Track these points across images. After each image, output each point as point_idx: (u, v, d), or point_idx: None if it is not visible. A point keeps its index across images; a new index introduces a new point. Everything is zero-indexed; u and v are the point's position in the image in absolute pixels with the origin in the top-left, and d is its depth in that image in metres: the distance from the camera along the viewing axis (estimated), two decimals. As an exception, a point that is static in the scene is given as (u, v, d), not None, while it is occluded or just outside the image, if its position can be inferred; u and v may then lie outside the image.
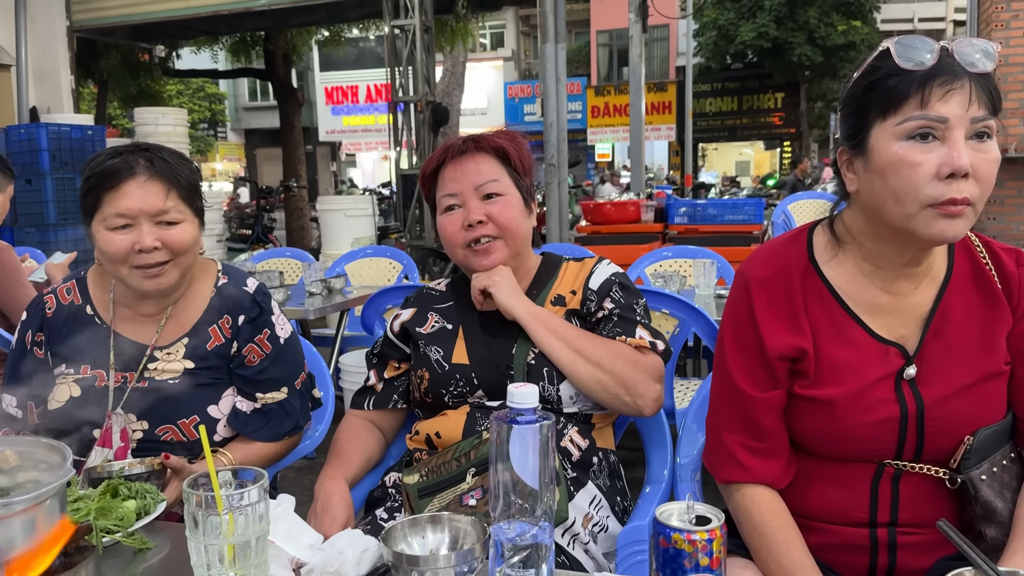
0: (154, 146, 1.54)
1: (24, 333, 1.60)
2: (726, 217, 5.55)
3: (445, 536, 1.06)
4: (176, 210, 1.50)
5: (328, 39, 14.52)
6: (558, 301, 1.62)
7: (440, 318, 1.64)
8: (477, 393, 1.53)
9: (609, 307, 1.58)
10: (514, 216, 1.56)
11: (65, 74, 9.31)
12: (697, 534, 0.83)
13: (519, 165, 1.60)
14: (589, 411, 1.55)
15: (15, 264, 2.85)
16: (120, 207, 1.46)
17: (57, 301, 1.62)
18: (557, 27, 5.91)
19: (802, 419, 1.26)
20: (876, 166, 1.14)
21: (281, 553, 1.03)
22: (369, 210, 7.58)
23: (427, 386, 1.57)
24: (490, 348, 1.55)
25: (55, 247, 5.85)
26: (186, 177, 1.52)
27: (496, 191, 1.56)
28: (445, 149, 1.60)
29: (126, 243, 1.46)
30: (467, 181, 1.55)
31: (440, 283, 1.74)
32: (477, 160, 1.57)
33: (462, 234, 1.56)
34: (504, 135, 1.61)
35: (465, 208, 1.55)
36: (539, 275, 1.66)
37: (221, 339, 1.59)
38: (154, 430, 1.53)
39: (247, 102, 29.39)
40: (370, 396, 1.69)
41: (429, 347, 1.59)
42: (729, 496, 1.29)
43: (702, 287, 2.97)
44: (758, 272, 1.28)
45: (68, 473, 0.90)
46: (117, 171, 1.46)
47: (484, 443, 1.39)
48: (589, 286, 1.60)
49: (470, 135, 1.62)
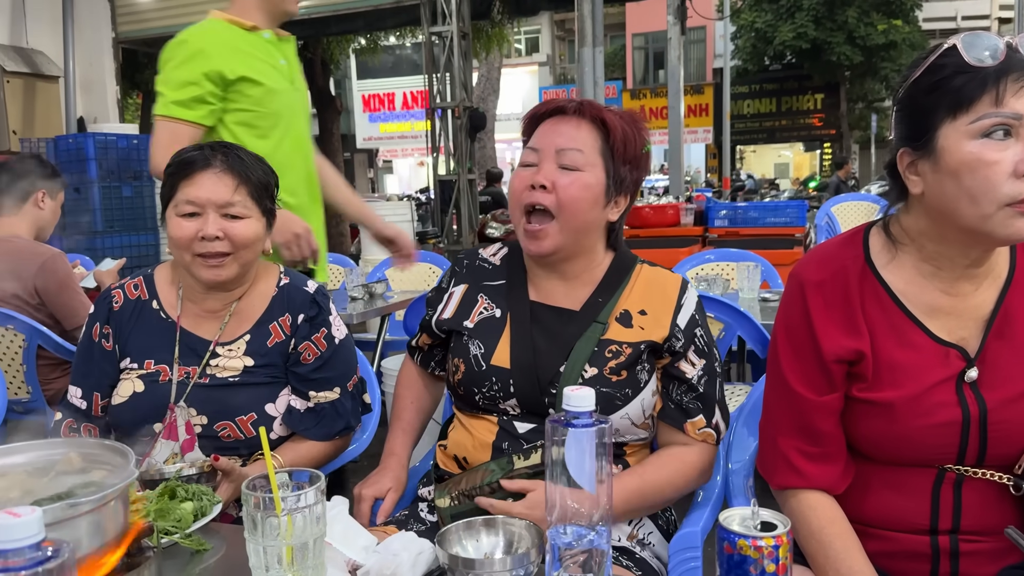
0: (234, 145, 1.62)
1: (92, 326, 1.65)
2: (768, 220, 5.49)
3: (500, 539, 1.06)
4: (243, 205, 1.55)
5: (365, 47, 14.67)
6: (624, 320, 1.44)
7: (489, 303, 1.52)
8: (510, 401, 1.43)
9: (693, 373, 1.42)
10: (579, 196, 1.39)
11: (111, 85, 9.52)
12: (763, 540, 0.82)
13: (619, 148, 1.42)
14: (623, 442, 1.46)
15: (67, 270, 2.91)
16: (190, 195, 1.53)
17: (124, 296, 1.66)
18: (595, 31, 5.90)
19: (860, 423, 1.23)
20: (948, 167, 1.11)
21: (337, 555, 1.03)
22: (407, 216, 7.63)
23: (461, 378, 1.48)
24: (536, 352, 1.43)
25: (102, 254, 5.96)
26: (258, 176, 1.58)
27: (575, 164, 1.40)
28: (552, 102, 1.47)
29: (191, 230, 1.52)
30: (552, 141, 1.42)
31: (496, 252, 1.60)
32: (576, 125, 1.42)
33: (525, 194, 1.42)
34: (624, 115, 1.45)
35: (539, 168, 1.42)
36: (608, 278, 1.48)
37: (281, 336, 1.63)
38: (212, 425, 1.56)
39: (286, 110, 29.71)
40: (419, 352, 1.68)
41: (472, 340, 1.48)
42: (785, 502, 1.27)
43: (746, 291, 2.94)
44: (814, 274, 1.26)
45: (132, 474, 0.91)
46: (194, 161, 1.55)
47: (517, 471, 1.35)
48: (677, 323, 1.43)
49: (583, 99, 1.47)
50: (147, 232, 7.59)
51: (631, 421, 1.42)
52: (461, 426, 1.51)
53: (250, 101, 2.22)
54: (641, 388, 1.41)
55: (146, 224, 7.59)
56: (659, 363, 1.45)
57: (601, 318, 1.43)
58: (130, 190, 7.38)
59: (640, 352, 1.40)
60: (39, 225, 3.02)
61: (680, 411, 1.43)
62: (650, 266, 1.52)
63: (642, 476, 1.40)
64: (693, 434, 1.42)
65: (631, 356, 1.40)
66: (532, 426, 1.41)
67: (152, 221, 7.66)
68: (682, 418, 1.42)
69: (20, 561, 0.64)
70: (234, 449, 1.57)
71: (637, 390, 1.41)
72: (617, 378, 1.39)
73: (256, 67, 2.24)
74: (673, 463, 1.42)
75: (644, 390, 1.41)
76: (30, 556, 0.64)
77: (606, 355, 1.40)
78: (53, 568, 0.64)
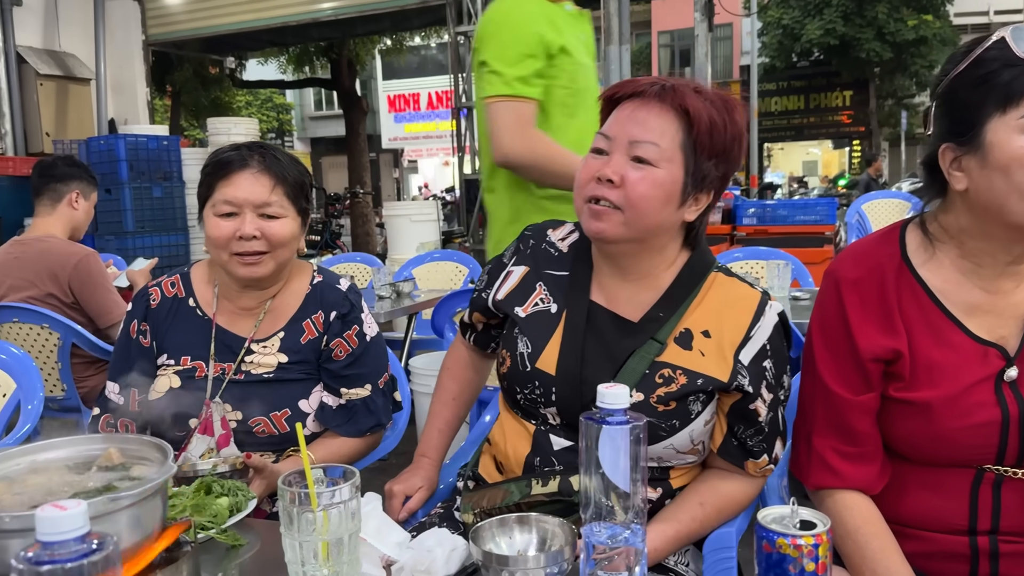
0: (270, 145, 1.64)
1: (129, 323, 1.68)
2: (797, 218, 5.43)
3: (533, 537, 1.06)
4: (279, 205, 1.57)
5: (390, 48, 14.73)
6: (683, 340, 1.29)
7: (547, 294, 1.40)
8: (550, 409, 1.34)
9: (765, 414, 1.28)
10: (649, 195, 1.24)
11: (141, 87, 9.65)
12: (803, 538, 0.81)
13: (703, 142, 1.25)
14: (667, 467, 1.35)
15: (101, 270, 2.96)
16: (228, 195, 1.55)
17: (161, 293, 1.69)
18: (621, 28, 5.88)
19: (897, 423, 1.22)
20: (997, 162, 1.09)
21: (372, 550, 1.04)
22: (434, 215, 7.64)
23: (506, 372, 1.40)
24: (584, 363, 1.31)
25: (133, 254, 6.03)
26: (294, 176, 1.60)
27: (647, 157, 1.24)
28: (631, 83, 1.30)
29: (229, 229, 1.55)
30: (627, 130, 1.26)
31: (565, 237, 1.46)
32: (656, 112, 1.25)
33: (590, 185, 1.28)
34: (715, 99, 1.27)
35: (608, 159, 1.27)
36: (675, 287, 1.33)
37: (314, 333, 1.65)
38: (247, 421, 1.58)
39: (312, 112, 29.98)
40: (471, 332, 1.58)
41: (521, 335, 1.37)
42: (820, 502, 1.26)
43: (776, 289, 2.91)
44: (849, 272, 1.24)
45: (170, 470, 0.93)
46: (231, 162, 1.57)
47: (534, 498, 1.29)
48: (740, 359, 1.27)
49: (668, 80, 1.28)
50: (177, 232, 7.67)
51: (676, 450, 1.30)
52: (502, 425, 1.45)
53: (566, 77, 2.05)
54: (691, 419, 1.28)
55: (176, 224, 7.68)
56: (724, 398, 1.30)
57: (660, 336, 1.29)
58: (160, 191, 7.46)
59: (695, 387, 1.26)
60: (73, 225, 3.07)
61: (743, 451, 1.31)
62: (727, 275, 1.36)
63: (690, 522, 1.29)
64: (753, 472, 1.32)
65: (684, 388, 1.26)
66: (569, 444, 1.32)
67: (182, 221, 7.74)
68: (744, 458, 1.31)
69: (66, 553, 0.64)
70: (267, 444, 1.58)
71: (687, 422, 1.28)
72: (664, 408, 1.26)
73: (569, 40, 2.07)
74: (723, 502, 1.32)
75: (695, 421, 1.28)
76: (75, 548, 0.65)
77: (656, 380, 1.27)
78: (98, 560, 0.65)
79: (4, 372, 2.04)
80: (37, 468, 1.01)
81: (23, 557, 0.64)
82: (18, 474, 0.99)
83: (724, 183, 1.32)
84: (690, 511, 1.30)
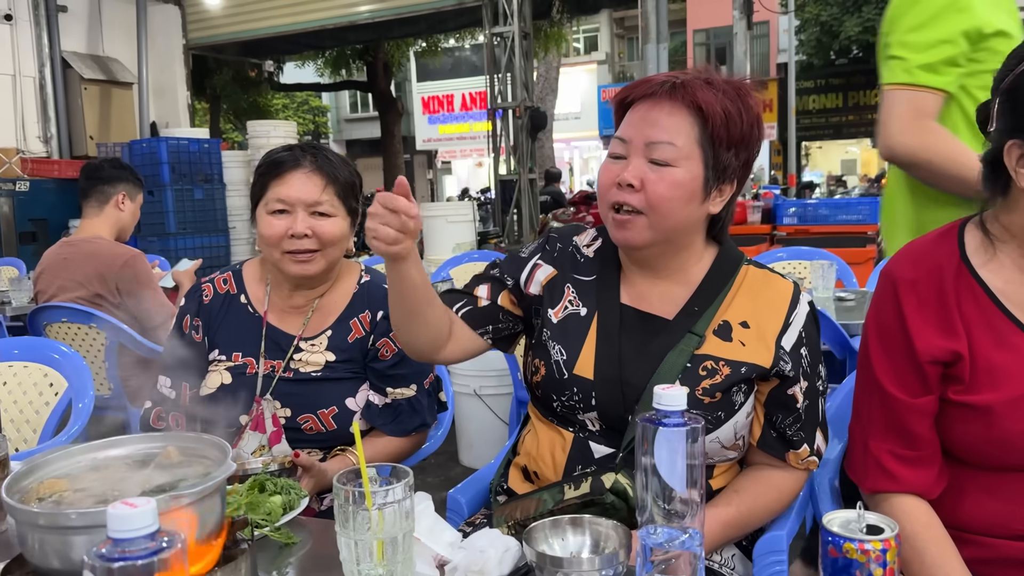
0: (322, 146, 1.67)
1: (182, 318, 1.71)
2: (839, 217, 5.35)
3: (586, 539, 1.04)
4: (330, 204, 1.60)
5: (425, 50, 14.81)
6: (723, 332, 1.29)
7: (575, 297, 1.38)
8: (590, 414, 1.32)
9: (800, 399, 1.28)
10: (669, 195, 1.23)
11: (182, 90, 9.81)
12: (871, 543, 0.79)
13: (719, 134, 1.24)
14: (710, 464, 1.34)
15: (147, 270, 3.01)
16: (281, 193, 1.58)
17: (214, 289, 1.72)
18: (659, 26, 5.85)
19: (955, 426, 1.19)
20: None
21: (425, 550, 1.04)
22: (469, 216, 7.67)
23: (540, 382, 1.37)
24: (622, 363, 1.30)
25: (175, 255, 6.13)
26: (345, 176, 1.63)
27: (665, 159, 1.23)
28: (642, 84, 1.29)
29: (281, 227, 1.58)
30: (642, 132, 1.25)
31: (590, 243, 1.43)
32: (668, 111, 1.24)
33: (612, 192, 1.27)
34: (727, 89, 1.25)
35: (627, 163, 1.26)
36: (708, 280, 1.33)
37: (361, 332, 1.67)
38: (296, 418, 1.61)
39: (348, 114, 30.24)
40: (466, 304, 1.42)
41: (553, 342, 1.35)
42: (877, 507, 1.24)
43: (820, 289, 2.86)
44: (907, 272, 1.22)
45: (230, 468, 0.93)
46: (284, 162, 1.61)
47: (567, 503, 1.25)
48: (782, 344, 1.28)
49: (678, 76, 1.27)
50: (218, 234, 7.78)
51: (721, 444, 1.30)
52: (535, 434, 1.42)
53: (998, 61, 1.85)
54: (735, 411, 1.28)
55: (217, 226, 7.79)
56: (762, 386, 1.30)
57: (697, 329, 1.29)
58: (201, 193, 7.58)
59: (740, 376, 1.27)
60: (120, 226, 3.13)
61: (783, 442, 1.31)
62: (757, 267, 1.36)
63: (738, 507, 1.29)
64: (795, 464, 1.31)
65: (729, 378, 1.26)
66: (610, 451, 1.30)
67: (223, 223, 7.85)
68: (785, 449, 1.31)
69: (137, 550, 0.65)
70: (315, 442, 1.60)
71: (731, 413, 1.28)
72: (710, 400, 1.26)
73: (1006, 18, 1.82)
74: (770, 492, 1.32)
75: (738, 412, 1.28)
76: (146, 546, 0.66)
77: (700, 373, 1.27)
78: (168, 558, 0.65)
79: (56, 371, 2.08)
80: (98, 465, 1.02)
81: (95, 553, 0.65)
82: (80, 471, 1.01)
83: (747, 170, 1.32)
84: (724, 497, 1.30)
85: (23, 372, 2.08)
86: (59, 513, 0.85)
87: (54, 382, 2.06)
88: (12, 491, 0.92)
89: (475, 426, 3.72)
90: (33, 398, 2.05)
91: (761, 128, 1.30)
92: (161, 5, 9.62)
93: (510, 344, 1.49)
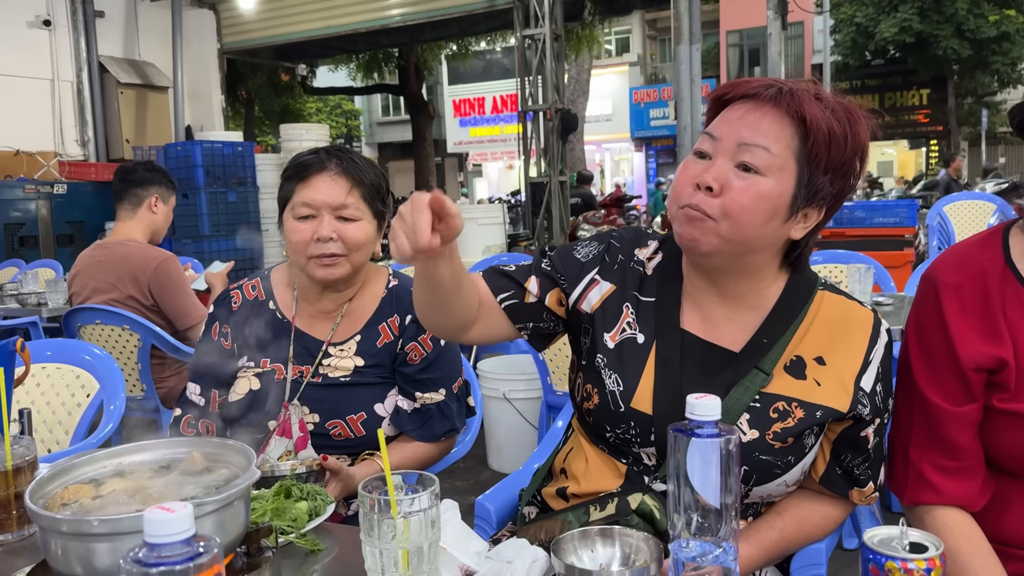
0: (347, 149, 1.66)
1: (211, 324, 1.71)
2: (876, 220, 5.25)
3: (616, 551, 1.02)
4: (355, 207, 1.59)
5: (456, 53, 14.85)
6: (795, 369, 1.18)
7: (634, 319, 1.26)
8: (648, 449, 1.21)
9: (872, 439, 1.19)
10: (750, 207, 1.11)
11: (216, 94, 9.92)
12: (914, 562, 0.76)
13: (820, 154, 1.12)
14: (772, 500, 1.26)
15: (179, 273, 3.03)
16: (306, 197, 1.58)
17: (242, 296, 1.72)
18: (692, 27, 5.79)
19: (1001, 435, 1.15)
20: None
21: (451, 559, 1.02)
22: (500, 218, 7.66)
23: (592, 410, 1.26)
24: (686, 396, 1.16)
25: (209, 258, 6.19)
26: (370, 179, 1.62)
27: (755, 164, 1.12)
28: (744, 83, 1.18)
29: (307, 232, 1.57)
30: (736, 131, 1.14)
31: (651, 256, 1.31)
32: (770, 117, 1.13)
33: (686, 193, 1.15)
34: (837, 107, 1.14)
35: (711, 163, 1.14)
36: (779, 308, 1.21)
37: (390, 336, 1.66)
38: (324, 423, 1.60)
39: (380, 117, 30.44)
40: (513, 296, 1.29)
41: (608, 371, 1.24)
42: (918, 520, 1.20)
43: (858, 294, 2.80)
44: (950, 276, 1.18)
45: (254, 475, 0.92)
46: (309, 165, 1.60)
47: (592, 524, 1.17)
48: (861, 386, 1.17)
49: (786, 83, 1.16)
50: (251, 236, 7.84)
51: (786, 486, 1.21)
52: (584, 458, 1.31)
53: None
54: (806, 454, 1.19)
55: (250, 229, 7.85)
56: (834, 426, 1.20)
57: (764, 366, 1.18)
58: (235, 196, 7.65)
59: (814, 420, 1.16)
60: (153, 229, 3.15)
61: (849, 480, 1.22)
62: (833, 293, 1.24)
63: (781, 531, 1.21)
64: (859, 501, 1.23)
65: (802, 422, 1.16)
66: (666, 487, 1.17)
67: (256, 226, 7.91)
68: (849, 487, 1.22)
69: (174, 555, 0.65)
70: (343, 448, 1.59)
71: (801, 456, 1.18)
72: (781, 445, 1.16)
73: None
74: (815, 518, 1.24)
75: (808, 455, 1.20)
76: (183, 551, 0.65)
77: (771, 415, 1.16)
78: (204, 563, 0.65)
79: (88, 373, 2.10)
80: (122, 470, 1.02)
81: (132, 558, 0.64)
82: (104, 476, 1.01)
83: (838, 202, 1.19)
84: (767, 520, 1.22)
85: (56, 374, 2.10)
86: (82, 520, 0.84)
87: (86, 384, 2.08)
88: (36, 496, 0.92)
89: (504, 430, 3.70)
90: (65, 399, 2.07)
91: (864, 160, 1.17)
92: (196, 10, 9.74)
93: (545, 343, 1.37)
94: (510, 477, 1.61)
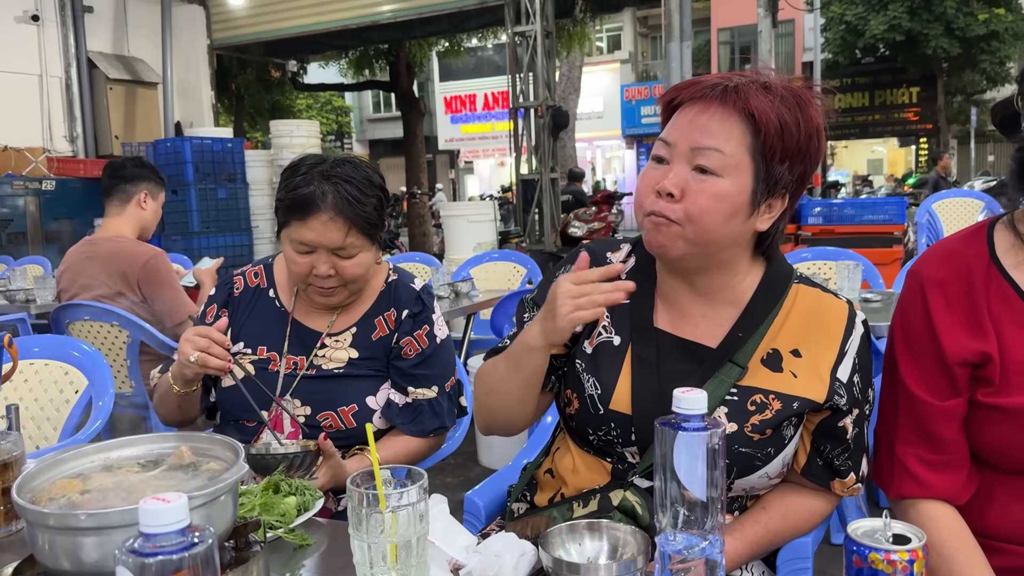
0: (343, 175, 1.54)
1: (208, 306, 1.71)
2: (865, 217, 5.28)
3: (604, 544, 1.03)
4: (353, 245, 1.56)
5: (447, 49, 14.82)
6: (772, 362, 1.20)
7: (609, 322, 1.28)
8: (630, 448, 1.23)
9: (851, 429, 1.20)
10: (709, 207, 1.13)
11: (206, 90, 9.88)
12: (897, 554, 0.77)
13: (774, 146, 1.13)
14: (756, 494, 1.28)
15: (169, 269, 3.02)
16: (303, 236, 1.53)
17: (245, 282, 1.72)
18: (683, 25, 5.80)
19: (985, 430, 1.16)
20: None
21: (440, 554, 1.02)
22: (491, 215, 7.66)
23: (574, 415, 1.28)
24: (663, 394, 1.19)
25: (199, 254, 6.17)
26: (367, 213, 1.55)
27: (711, 166, 1.13)
28: (692, 85, 1.18)
29: (305, 266, 1.56)
30: (688, 136, 1.15)
31: (624, 260, 1.32)
32: (720, 117, 1.14)
33: (648, 200, 1.17)
34: (785, 96, 1.14)
35: (669, 169, 1.16)
36: (754, 302, 1.22)
37: (385, 330, 1.67)
38: (315, 415, 1.61)
39: (371, 114, 30.37)
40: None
41: (587, 375, 1.26)
42: (904, 513, 1.21)
43: (846, 291, 2.82)
44: (935, 272, 1.18)
45: (241, 470, 0.92)
46: (305, 205, 1.51)
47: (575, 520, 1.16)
48: (838, 376, 1.19)
49: (732, 79, 1.16)
50: (241, 233, 7.82)
51: (768, 477, 1.23)
52: (572, 458, 1.33)
53: None
54: (785, 445, 1.21)
55: (240, 225, 7.82)
56: (812, 416, 1.22)
57: (739, 359, 1.19)
58: (225, 192, 7.61)
59: (791, 411, 1.18)
60: (142, 225, 3.14)
61: (829, 471, 1.23)
62: (808, 285, 1.26)
63: (766, 526, 1.23)
64: (840, 492, 1.25)
65: (780, 413, 1.17)
66: (650, 484, 1.18)
67: (246, 222, 7.88)
68: (831, 478, 1.24)
69: (169, 545, 0.65)
70: (335, 439, 1.58)
71: (780, 448, 1.20)
72: (760, 437, 1.18)
73: None
74: (800, 512, 1.25)
75: (788, 446, 1.21)
76: (178, 541, 0.66)
77: (749, 407, 1.18)
78: (199, 553, 0.65)
79: (77, 369, 2.09)
80: (110, 465, 1.01)
81: (128, 548, 0.65)
82: (91, 471, 1.00)
83: (801, 185, 1.20)
84: (752, 515, 1.24)
85: (44, 370, 2.10)
86: (69, 514, 0.84)
87: (74, 380, 2.08)
88: (23, 491, 0.92)
89: (495, 426, 3.70)
90: (54, 395, 2.07)
91: (821, 140, 1.18)
92: (186, 5, 9.69)
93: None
94: (499, 473, 1.61)
